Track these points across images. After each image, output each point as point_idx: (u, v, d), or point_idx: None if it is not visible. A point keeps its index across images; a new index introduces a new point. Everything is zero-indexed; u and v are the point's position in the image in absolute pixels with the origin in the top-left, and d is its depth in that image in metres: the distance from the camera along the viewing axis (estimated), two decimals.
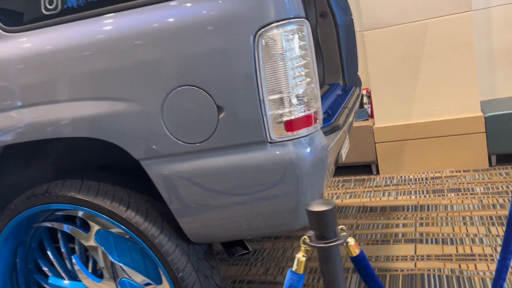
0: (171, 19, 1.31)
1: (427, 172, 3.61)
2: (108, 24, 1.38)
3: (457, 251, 2.37)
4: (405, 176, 3.63)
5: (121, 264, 1.57)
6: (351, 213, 3.10)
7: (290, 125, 1.32)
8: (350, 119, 2.06)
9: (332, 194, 3.55)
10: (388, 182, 3.56)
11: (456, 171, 3.52)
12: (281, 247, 2.81)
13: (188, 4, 1.30)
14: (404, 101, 3.57)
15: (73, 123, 1.41)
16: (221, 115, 1.32)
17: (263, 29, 1.26)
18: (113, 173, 1.62)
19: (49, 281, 1.73)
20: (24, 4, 1.49)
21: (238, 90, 1.29)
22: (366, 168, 3.96)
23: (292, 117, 1.32)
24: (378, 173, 3.81)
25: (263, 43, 1.27)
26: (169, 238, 1.50)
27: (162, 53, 1.32)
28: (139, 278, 1.60)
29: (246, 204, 1.40)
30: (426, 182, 3.40)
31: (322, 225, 0.87)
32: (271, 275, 2.47)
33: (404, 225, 2.77)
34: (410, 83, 3.51)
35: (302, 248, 0.93)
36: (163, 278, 1.55)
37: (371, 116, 3.86)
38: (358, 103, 2.37)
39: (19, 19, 1.50)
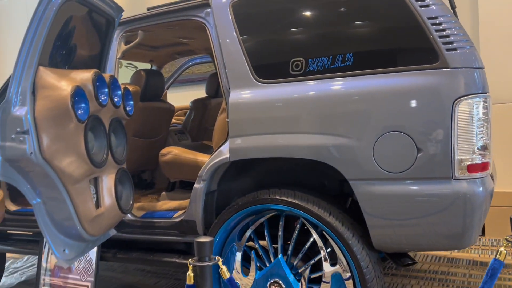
0: (389, 85, 1.91)
1: None
2: (338, 84, 2.01)
3: None
4: None
5: None
6: (462, 264, 3.43)
7: (471, 168, 1.83)
8: None
9: None
10: (495, 243, 3.84)
11: None
12: (400, 282, 3.19)
13: (404, 75, 1.89)
14: None
15: (306, 149, 2.02)
16: (419, 154, 1.86)
17: (460, 98, 1.81)
18: (314, 189, 2.20)
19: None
20: (276, 65, 2.17)
21: (436, 138, 1.83)
22: None
23: (473, 162, 1.83)
24: (483, 234, 4.09)
25: (459, 108, 1.81)
26: (358, 241, 2.02)
27: (381, 107, 1.91)
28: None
29: (425, 224, 1.90)
30: None
31: None
32: None
33: None
34: None
35: (504, 243, 1.41)
36: (350, 272, 2.06)
37: None
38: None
39: (270, 75, 2.18)
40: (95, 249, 2.62)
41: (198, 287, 1.46)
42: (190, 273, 1.50)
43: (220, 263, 1.55)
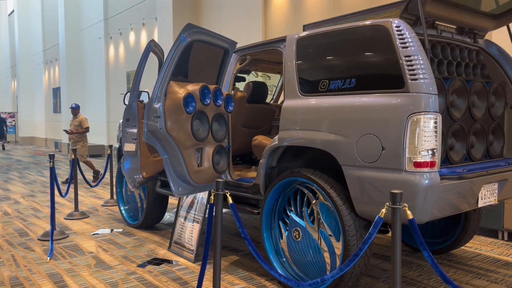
0: (369, 101, 2.76)
1: None
2: (343, 99, 2.93)
3: None
4: None
5: (324, 222, 3.07)
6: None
7: (417, 164, 2.55)
8: (494, 179, 2.98)
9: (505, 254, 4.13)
10: None
11: None
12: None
13: (381, 96, 2.72)
14: None
15: (318, 141, 3.02)
16: (383, 151, 2.68)
17: (412, 114, 2.56)
18: (327, 171, 3.15)
19: (290, 216, 3.39)
20: (312, 83, 3.20)
21: (394, 141, 2.62)
22: None
23: (418, 160, 2.55)
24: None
25: (411, 121, 2.56)
26: (346, 207, 2.92)
27: (363, 116, 2.77)
28: (328, 232, 3.06)
29: (385, 201, 2.69)
30: None
31: None
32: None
33: None
34: None
35: (386, 207, 2.22)
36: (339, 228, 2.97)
37: None
38: None
39: (307, 90, 3.22)
40: (206, 195, 4.07)
41: (214, 205, 2.69)
42: (212, 197, 2.74)
43: (227, 195, 2.75)
